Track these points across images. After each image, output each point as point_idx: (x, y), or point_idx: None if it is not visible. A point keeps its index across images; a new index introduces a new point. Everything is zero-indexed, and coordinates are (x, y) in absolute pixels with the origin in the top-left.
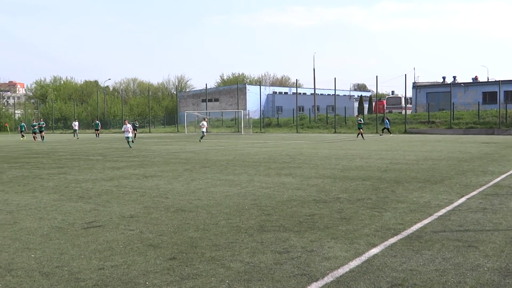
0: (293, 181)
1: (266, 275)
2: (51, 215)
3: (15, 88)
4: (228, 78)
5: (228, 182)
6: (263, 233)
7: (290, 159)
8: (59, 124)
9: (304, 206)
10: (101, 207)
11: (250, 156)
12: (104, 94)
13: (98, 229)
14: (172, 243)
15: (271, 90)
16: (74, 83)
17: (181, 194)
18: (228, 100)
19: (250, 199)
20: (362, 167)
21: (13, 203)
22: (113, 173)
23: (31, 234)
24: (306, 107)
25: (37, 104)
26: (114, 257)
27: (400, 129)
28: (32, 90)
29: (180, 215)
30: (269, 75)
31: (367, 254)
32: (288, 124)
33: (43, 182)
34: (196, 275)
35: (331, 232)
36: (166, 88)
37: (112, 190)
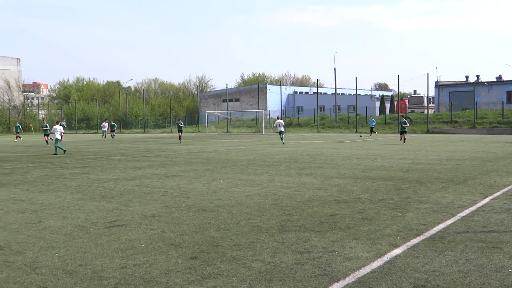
0: (314, 181)
1: (287, 275)
2: (74, 214)
3: (39, 89)
4: (249, 78)
5: (249, 182)
6: (284, 233)
7: (311, 159)
8: (82, 124)
9: (325, 206)
10: (123, 207)
11: (271, 156)
12: (126, 94)
13: (121, 228)
14: (194, 242)
15: (291, 90)
16: (96, 83)
17: (202, 194)
18: (249, 100)
19: (271, 199)
20: (384, 167)
21: (38, 202)
22: (135, 172)
23: (55, 233)
24: (327, 106)
25: (61, 105)
26: (136, 256)
27: (422, 129)
28: (56, 90)
29: (201, 214)
30: (290, 75)
31: (389, 254)
32: (309, 124)
33: (66, 182)
34: (217, 275)
35: (352, 233)
36: (187, 88)
37: (134, 190)
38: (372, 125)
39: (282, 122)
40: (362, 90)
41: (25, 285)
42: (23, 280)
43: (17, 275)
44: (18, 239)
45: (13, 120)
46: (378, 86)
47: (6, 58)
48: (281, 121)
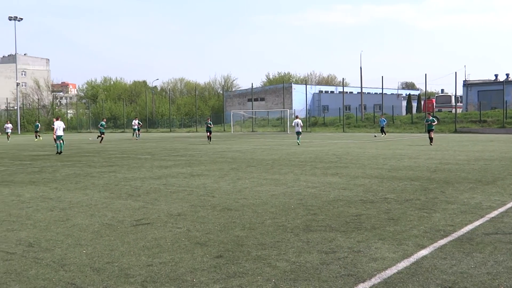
0: (340, 180)
1: (312, 275)
2: (102, 212)
3: (67, 88)
4: (274, 77)
5: (274, 181)
6: (309, 233)
7: (337, 158)
8: (109, 123)
9: (351, 206)
10: (150, 205)
11: (296, 156)
12: (152, 94)
13: (147, 226)
14: (219, 241)
15: (317, 89)
16: (123, 83)
17: (228, 193)
18: (274, 99)
19: (296, 198)
20: (411, 167)
21: (66, 200)
22: (161, 171)
23: (82, 231)
24: (353, 106)
25: (88, 104)
26: (162, 254)
27: (450, 129)
28: (84, 90)
29: (226, 213)
30: (315, 74)
31: (416, 255)
32: (334, 123)
33: (94, 180)
34: (243, 274)
35: (378, 233)
36: (213, 88)
37: (160, 189)
38: (383, 125)
39: (301, 122)
40: (389, 89)
41: (53, 281)
42: (52, 276)
43: (46, 272)
44: (47, 237)
45: (43, 120)
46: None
47: (35, 59)
48: (299, 120)
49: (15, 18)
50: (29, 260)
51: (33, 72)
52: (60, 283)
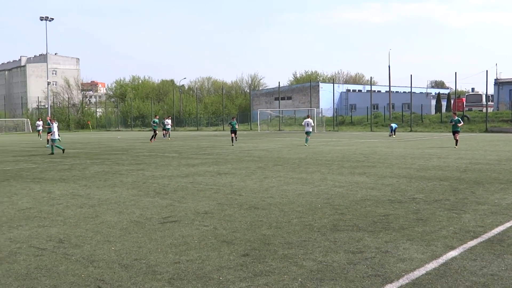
0: (367, 180)
1: (339, 274)
2: (130, 209)
3: (96, 87)
4: (301, 76)
5: (300, 180)
6: (336, 232)
7: (364, 158)
8: (137, 122)
9: (379, 206)
10: (177, 203)
11: (323, 155)
12: (180, 92)
13: (174, 224)
14: (245, 239)
15: (344, 87)
16: (151, 82)
17: (254, 192)
18: (301, 98)
19: (323, 197)
20: (440, 167)
21: (95, 198)
22: (188, 170)
23: (111, 228)
24: (381, 105)
25: (117, 103)
26: (189, 252)
27: (480, 128)
28: (112, 89)
29: (253, 212)
30: (343, 73)
31: (445, 256)
32: (362, 122)
33: (122, 178)
34: (269, 272)
35: (406, 233)
36: (240, 87)
37: (187, 187)
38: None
39: (311, 121)
40: (417, 88)
41: (83, 277)
42: (81, 272)
43: (75, 268)
44: (76, 233)
45: (73, 118)
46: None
47: (66, 58)
48: (310, 120)
49: (46, 18)
50: (59, 256)
51: (64, 71)
52: (89, 279)
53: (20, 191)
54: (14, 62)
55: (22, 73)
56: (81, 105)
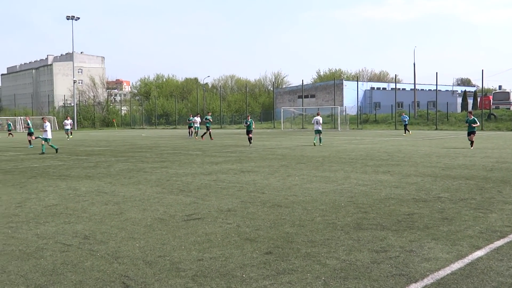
0: (391, 179)
1: (363, 273)
2: (154, 207)
3: (121, 85)
4: (325, 74)
5: (324, 178)
6: (359, 231)
7: (388, 156)
8: (161, 120)
9: (403, 204)
10: (200, 201)
11: (347, 153)
12: (203, 91)
13: (198, 221)
14: (268, 237)
15: (368, 85)
16: (175, 80)
17: (277, 190)
18: (325, 96)
19: (346, 196)
20: (466, 165)
21: (120, 195)
22: (212, 167)
23: (135, 225)
24: (406, 103)
25: (141, 101)
26: (212, 249)
27: (508, 126)
28: (137, 87)
29: (276, 210)
30: (367, 71)
31: (471, 256)
32: (386, 121)
33: (146, 175)
34: (292, 270)
35: (431, 233)
36: (263, 85)
37: (211, 184)
38: (406, 122)
39: (321, 119)
40: (443, 86)
41: (108, 273)
42: (106, 268)
43: (100, 264)
44: (101, 229)
45: (98, 116)
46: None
47: (91, 57)
48: (319, 118)
49: (72, 17)
50: (84, 252)
51: (89, 70)
52: (114, 275)
53: (47, 188)
54: (41, 61)
55: (49, 71)
56: (106, 103)
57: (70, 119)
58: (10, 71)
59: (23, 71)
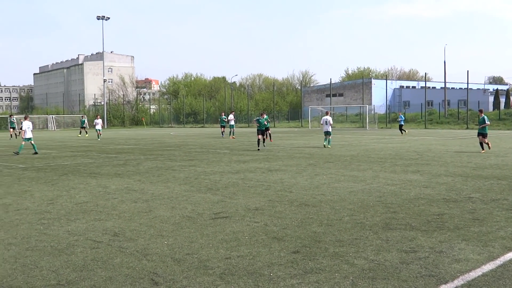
0: (421, 178)
1: (391, 274)
2: (182, 205)
3: (150, 84)
4: (353, 72)
5: (352, 178)
6: (388, 231)
7: (418, 155)
8: (189, 118)
9: (433, 204)
10: (228, 199)
11: (375, 152)
12: (231, 89)
13: (225, 220)
14: (296, 236)
15: (397, 84)
16: (203, 79)
17: (305, 189)
18: (353, 95)
19: (375, 195)
20: (498, 165)
21: (149, 193)
22: (239, 166)
23: (164, 222)
24: (436, 101)
25: (170, 100)
26: (240, 248)
27: None
28: (166, 86)
29: (303, 209)
30: (396, 69)
31: (503, 258)
32: (415, 120)
33: (175, 174)
34: (320, 270)
35: (462, 233)
36: (291, 83)
37: (238, 183)
38: (401, 123)
39: (330, 119)
40: (474, 84)
41: (137, 270)
42: (135, 265)
43: (130, 261)
44: (131, 227)
45: (127, 114)
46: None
47: (121, 56)
48: (328, 118)
49: (102, 17)
50: (114, 249)
51: (119, 69)
52: (143, 272)
53: (78, 185)
54: (72, 61)
55: (80, 71)
56: (136, 102)
57: (100, 118)
58: (43, 71)
59: (54, 71)
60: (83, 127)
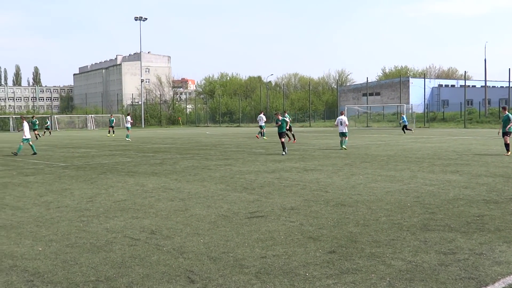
0: (460, 179)
1: (429, 275)
2: (218, 204)
3: (186, 84)
4: (390, 71)
5: (389, 178)
6: (426, 232)
7: (457, 155)
8: (225, 118)
9: (473, 206)
10: (264, 198)
11: (413, 152)
12: (267, 89)
13: (261, 219)
14: (332, 236)
15: (436, 83)
16: (239, 79)
17: (341, 189)
18: (390, 94)
19: (412, 196)
20: None
21: (185, 191)
22: (275, 165)
23: (200, 221)
24: (476, 100)
25: (206, 99)
26: (275, 247)
27: None
28: (202, 86)
29: (339, 209)
30: (434, 67)
31: None
32: (454, 119)
33: (211, 173)
34: (356, 270)
35: (503, 235)
36: (327, 83)
37: (274, 182)
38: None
39: (346, 119)
40: None
41: (173, 268)
42: (172, 263)
43: (166, 258)
44: (167, 225)
45: (164, 114)
46: None
47: (158, 56)
48: (344, 118)
49: (140, 18)
50: (151, 247)
51: (156, 69)
52: (180, 269)
53: (116, 184)
54: (110, 61)
55: (118, 71)
56: (172, 101)
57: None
58: (82, 71)
59: (94, 71)
60: (111, 127)
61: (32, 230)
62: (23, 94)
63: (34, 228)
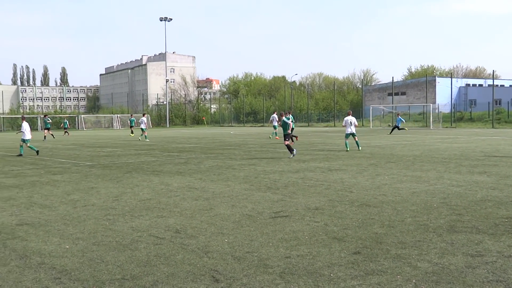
0: (488, 180)
1: (456, 278)
2: (242, 203)
3: (211, 84)
4: (416, 70)
5: (415, 178)
6: (453, 234)
7: (485, 156)
8: (249, 118)
9: (501, 207)
10: (288, 198)
11: (439, 152)
12: (291, 88)
13: (285, 219)
14: (357, 237)
15: (463, 82)
16: (263, 78)
17: (366, 189)
18: (416, 94)
19: (439, 197)
20: None
21: (209, 191)
22: (299, 165)
23: (224, 220)
24: (504, 100)
25: (230, 99)
26: (299, 247)
27: None
28: (226, 86)
29: (364, 209)
30: (462, 67)
31: None
32: (482, 119)
33: (235, 172)
34: (381, 272)
35: None
36: (351, 82)
37: (298, 182)
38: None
39: (354, 120)
40: None
41: (198, 267)
42: (196, 262)
43: (191, 258)
44: (192, 224)
45: (189, 114)
46: None
47: (183, 56)
48: (352, 118)
49: (165, 18)
50: (176, 246)
51: (181, 69)
52: (204, 269)
53: (141, 183)
54: (136, 61)
55: (143, 71)
56: (197, 101)
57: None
58: (108, 71)
59: (119, 71)
60: (132, 126)
61: (60, 228)
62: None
63: (61, 226)
